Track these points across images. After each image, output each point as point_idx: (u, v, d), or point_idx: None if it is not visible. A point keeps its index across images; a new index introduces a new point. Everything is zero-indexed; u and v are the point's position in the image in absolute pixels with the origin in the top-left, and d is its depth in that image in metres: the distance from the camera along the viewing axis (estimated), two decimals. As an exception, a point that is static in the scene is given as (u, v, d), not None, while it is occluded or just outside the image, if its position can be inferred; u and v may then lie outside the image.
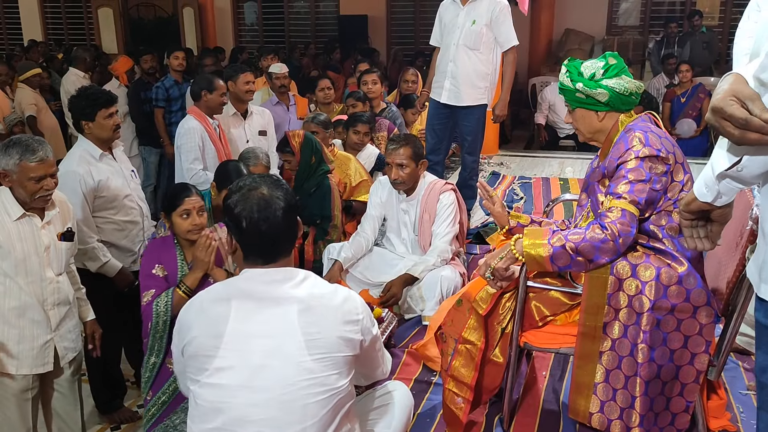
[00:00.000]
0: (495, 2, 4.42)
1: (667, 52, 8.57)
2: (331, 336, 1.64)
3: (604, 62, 2.19)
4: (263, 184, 1.70)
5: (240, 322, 1.63)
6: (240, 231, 1.68)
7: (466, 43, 4.43)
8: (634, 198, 2.04)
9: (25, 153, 2.42)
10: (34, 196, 2.46)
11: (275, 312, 1.64)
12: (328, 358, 1.63)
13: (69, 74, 6.37)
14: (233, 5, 12.84)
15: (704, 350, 2.04)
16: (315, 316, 1.64)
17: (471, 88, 4.49)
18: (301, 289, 1.67)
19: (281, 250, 1.69)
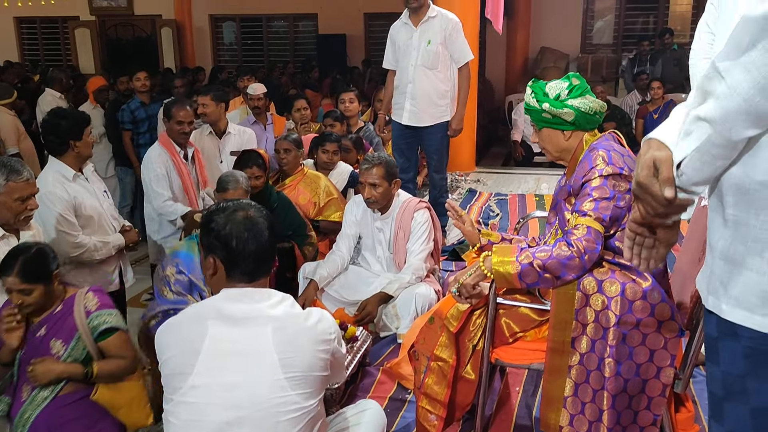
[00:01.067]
0: (446, 20, 4.48)
1: (639, 69, 8.74)
2: (305, 355, 1.68)
3: (568, 83, 2.24)
4: (246, 207, 1.79)
5: (215, 341, 1.66)
6: (228, 250, 1.73)
7: (423, 64, 4.49)
8: (599, 215, 2.09)
9: (11, 174, 2.48)
10: (20, 217, 2.52)
11: (251, 331, 1.67)
12: (302, 377, 1.66)
13: (45, 95, 6.36)
14: (211, 25, 12.90)
15: (669, 364, 2.08)
16: (290, 336, 1.68)
17: (432, 107, 4.55)
18: (277, 310, 1.72)
19: (265, 269, 1.76)
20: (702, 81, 1.17)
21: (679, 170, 1.20)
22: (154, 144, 4.05)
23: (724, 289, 1.25)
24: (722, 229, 1.24)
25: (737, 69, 1.09)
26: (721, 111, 1.12)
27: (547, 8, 10.71)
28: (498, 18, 6.33)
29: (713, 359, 1.32)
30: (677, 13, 10.78)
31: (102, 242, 3.09)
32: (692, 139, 1.17)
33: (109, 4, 12.89)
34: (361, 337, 3.05)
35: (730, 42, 1.12)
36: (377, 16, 11.56)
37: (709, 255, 1.31)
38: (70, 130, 3.04)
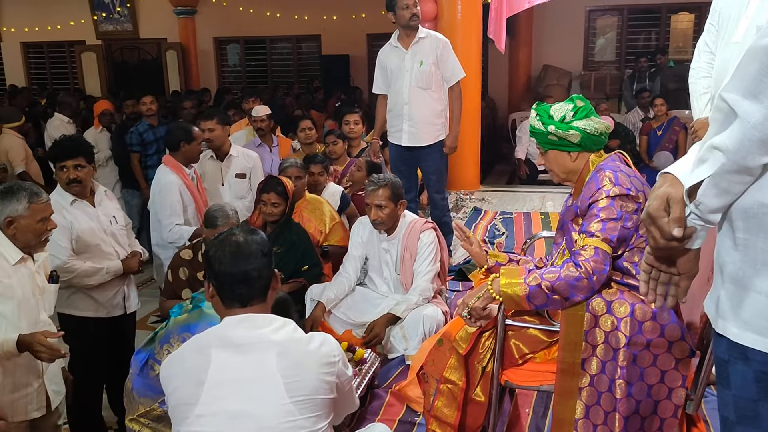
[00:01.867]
0: (436, 40, 4.55)
1: (639, 86, 8.78)
2: (310, 379, 1.68)
3: (572, 105, 2.26)
4: (239, 232, 1.80)
5: (220, 370, 1.67)
6: (215, 274, 1.76)
7: (418, 84, 4.53)
8: (607, 236, 2.09)
9: (32, 196, 2.52)
10: (41, 238, 2.55)
11: (254, 357, 1.68)
12: (308, 400, 1.66)
13: (54, 119, 6.41)
14: (216, 47, 13.03)
15: (681, 384, 2.07)
16: (294, 360, 1.68)
17: (429, 127, 4.59)
18: (280, 335, 1.72)
19: (254, 294, 1.75)
20: (713, 112, 1.20)
21: (697, 200, 1.21)
22: (163, 168, 4.00)
23: (733, 313, 1.25)
24: (732, 252, 1.25)
25: (747, 100, 1.12)
26: (734, 140, 1.14)
27: (549, 26, 10.78)
28: (501, 37, 6.38)
29: (724, 383, 1.31)
30: (678, 30, 10.84)
31: (94, 268, 3.07)
32: (707, 166, 1.19)
33: (114, 29, 13.04)
34: (370, 359, 3.05)
35: (737, 73, 1.14)
36: (380, 36, 11.60)
37: (718, 278, 1.31)
38: (50, 159, 3.10)
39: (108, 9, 12.87)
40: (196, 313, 2.61)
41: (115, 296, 3.25)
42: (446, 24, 6.48)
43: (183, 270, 3.28)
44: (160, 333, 2.65)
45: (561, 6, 8.76)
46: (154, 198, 3.99)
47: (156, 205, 3.97)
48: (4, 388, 2.45)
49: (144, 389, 2.60)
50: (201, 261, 3.16)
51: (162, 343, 2.60)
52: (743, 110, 1.12)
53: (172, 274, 3.34)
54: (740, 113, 1.12)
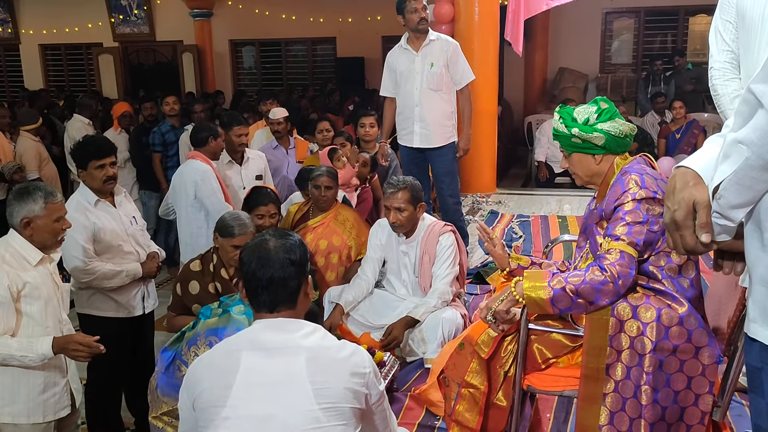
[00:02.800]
0: (447, 43, 4.55)
1: (655, 90, 8.70)
2: (339, 386, 1.66)
3: (596, 107, 2.23)
4: (273, 237, 1.81)
5: (249, 373, 1.66)
6: (243, 277, 1.78)
7: (429, 86, 4.53)
8: (633, 240, 2.06)
9: (48, 196, 2.52)
10: (57, 237, 2.56)
11: (283, 361, 1.68)
12: (336, 408, 1.65)
13: (74, 121, 6.46)
14: (231, 49, 13.08)
15: (708, 391, 2.03)
16: (323, 366, 1.67)
17: (440, 128, 4.59)
18: (310, 340, 1.72)
19: (279, 300, 1.75)
20: (739, 105, 1.17)
21: (717, 193, 1.18)
22: (193, 161, 4.09)
23: (766, 316, 1.22)
24: (761, 254, 1.22)
25: None
26: (759, 133, 1.11)
27: (565, 29, 10.72)
28: (518, 40, 6.36)
29: (758, 391, 1.28)
30: (696, 32, 10.73)
31: (114, 271, 3.08)
32: (730, 162, 1.16)
33: (131, 31, 13.13)
34: (389, 363, 3.03)
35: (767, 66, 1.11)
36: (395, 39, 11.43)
37: (749, 281, 1.29)
38: (77, 159, 3.10)
39: (125, 11, 12.97)
40: (225, 318, 2.59)
41: (135, 296, 3.27)
42: (463, 26, 6.47)
43: (193, 284, 3.16)
44: (188, 334, 2.64)
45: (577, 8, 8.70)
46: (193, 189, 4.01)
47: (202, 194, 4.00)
48: (35, 388, 2.48)
49: (168, 388, 2.60)
50: (212, 271, 3.11)
51: (189, 345, 2.60)
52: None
53: (181, 288, 3.20)
54: (766, 104, 1.09)
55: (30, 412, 2.46)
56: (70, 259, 2.99)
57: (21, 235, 2.49)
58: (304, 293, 1.80)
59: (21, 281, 2.41)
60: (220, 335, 2.50)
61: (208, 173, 4.03)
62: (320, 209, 3.99)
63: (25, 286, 2.42)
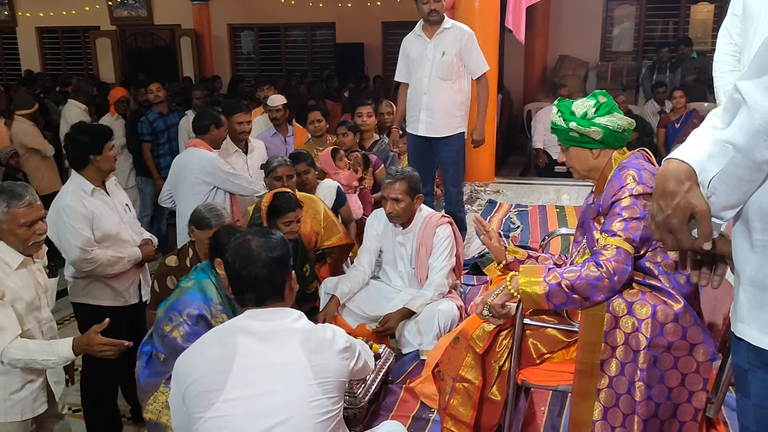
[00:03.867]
0: (461, 32, 4.48)
1: (658, 78, 8.65)
2: (332, 362, 1.79)
3: (594, 101, 2.21)
4: (255, 236, 1.88)
5: (246, 356, 1.73)
6: (228, 276, 1.87)
7: (438, 75, 4.48)
8: (629, 236, 2.05)
9: (12, 200, 2.36)
10: (28, 243, 2.42)
11: (279, 344, 1.77)
12: (330, 382, 1.77)
13: (70, 105, 6.41)
14: (230, 34, 13.00)
15: (702, 388, 2.03)
16: (316, 346, 1.78)
17: (448, 118, 4.53)
18: (299, 324, 1.83)
19: (265, 296, 1.83)
20: (726, 102, 1.16)
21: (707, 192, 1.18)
22: (194, 148, 4.08)
23: (754, 316, 1.22)
24: (750, 254, 1.22)
25: (759, 90, 1.08)
26: (743, 132, 1.10)
27: (565, 16, 10.65)
28: (520, 27, 6.32)
29: (744, 392, 1.28)
30: (698, 20, 10.66)
31: (116, 257, 3.08)
32: (716, 161, 1.15)
33: (129, 14, 13.04)
34: (384, 355, 3.03)
35: (753, 63, 1.11)
36: (395, 24, 11.57)
37: (736, 281, 1.28)
38: (90, 144, 3.05)
39: (123, -6, 12.88)
40: (177, 292, 2.67)
41: (132, 284, 3.27)
42: (464, 13, 6.41)
43: (171, 278, 3.10)
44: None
45: (579, -5, 8.67)
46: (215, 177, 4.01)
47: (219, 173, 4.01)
48: (12, 386, 2.42)
49: (151, 378, 2.65)
50: (188, 266, 3.04)
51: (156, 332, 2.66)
52: (753, 100, 1.08)
53: (159, 284, 3.12)
54: (750, 103, 1.09)
55: (7, 411, 2.41)
56: (71, 250, 2.96)
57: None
58: (289, 287, 1.89)
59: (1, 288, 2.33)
60: (177, 308, 2.58)
61: (216, 160, 4.02)
62: None
63: (4, 294, 2.32)
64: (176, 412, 1.81)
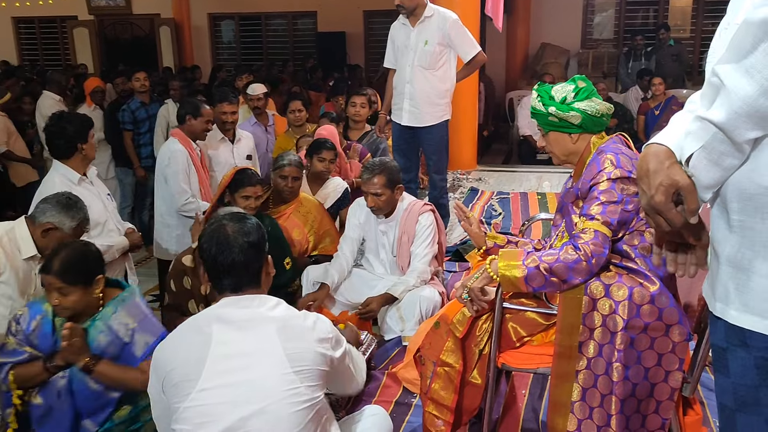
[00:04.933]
0: (444, 19, 4.42)
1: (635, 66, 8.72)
2: (309, 350, 1.76)
3: (573, 86, 2.23)
4: (230, 221, 1.85)
5: (221, 345, 1.71)
6: (204, 263, 1.83)
7: (421, 64, 4.45)
8: (607, 219, 2.07)
9: (84, 221, 2.61)
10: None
11: (255, 331, 1.74)
12: (308, 370, 1.74)
13: (44, 98, 6.31)
14: (210, 23, 12.87)
15: (678, 368, 2.06)
16: (293, 334, 1.76)
17: (431, 107, 4.52)
18: (276, 311, 1.80)
19: (242, 283, 1.81)
20: (705, 87, 1.18)
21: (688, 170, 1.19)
22: (171, 139, 4.02)
23: (732, 295, 1.24)
24: (728, 234, 1.23)
25: (738, 72, 1.10)
26: (723, 113, 1.12)
27: (547, 4, 10.67)
28: (498, 15, 6.30)
29: (722, 371, 1.30)
30: (677, 7, 10.74)
31: (105, 246, 3.07)
32: (696, 137, 1.17)
33: (107, 4, 12.86)
34: (366, 341, 3.05)
35: (732, 46, 1.13)
36: (376, 13, 11.53)
37: (714, 261, 1.30)
38: (77, 133, 3.05)
39: (100, -17, 12.69)
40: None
41: (119, 273, 3.25)
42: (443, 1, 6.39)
43: (186, 279, 3.07)
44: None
45: (560, -17, 8.68)
46: (163, 168, 3.94)
47: (166, 174, 3.91)
48: None
49: None
50: None
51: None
52: (733, 84, 1.10)
53: (175, 284, 3.09)
54: (729, 86, 1.10)
55: None
56: None
57: (29, 229, 2.50)
58: (266, 273, 1.88)
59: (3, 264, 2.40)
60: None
61: (176, 155, 3.89)
62: (282, 200, 3.83)
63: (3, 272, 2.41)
64: (156, 402, 1.80)
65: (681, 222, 1.23)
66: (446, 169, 4.85)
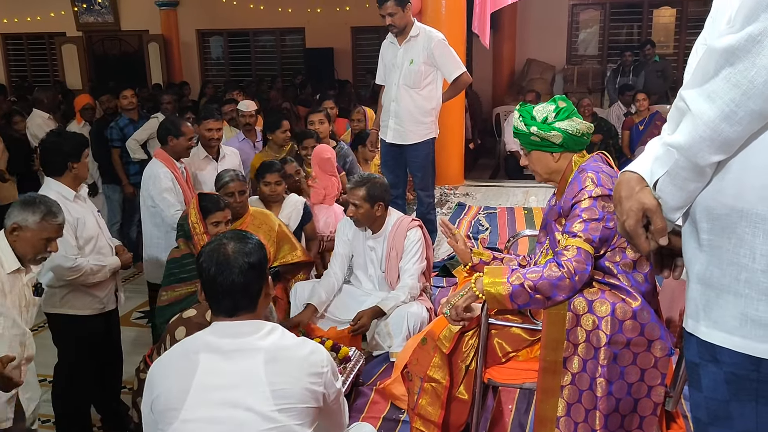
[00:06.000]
0: (429, 39, 4.46)
1: (623, 81, 8.82)
2: (297, 387, 1.68)
3: (554, 106, 2.28)
4: (231, 241, 1.78)
5: (206, 375, 1.67)
6: (202, 283, 1.77)
7: (406, 83, 4.50)
8: (589, 236, 2.11)
9: (48, 214, 2.52)
10: (37, 256, 2.53)
11: (241, 363, 1.68)
12: (293, 408, 1.66)
13: (33, 116, 6.30)
14: (199, 39, 12.92)
15: (660, 383, 2.10)
16: (281, 367, 1.68)
17: (416, 125, 4.56)
18: (267, 341, 1.72)
19: (240, 306, 1.74)
20: (671, 111, 1.23)
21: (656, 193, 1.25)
22: (154, 161, 4.00)
23: (702, 312, 1.28)
24: (698, 252, 1.28)
25: (701, 98, 1.15)
26: (687, 138, 1.17)
27: (532, 20, 10.79)
28: (485, 33, 6.39)
29: (696, 385, 1.34)
30: (660, 24, 10.91)
31: (98, 265, 3.07)
32: (662, 163, 1.22)
33: (95, 20, 12.87)
34: (354, 357, 3.06)
35: (697, 72, 1.18)
36: (364, 29, 11.62)
37: (687, 280, 1.34)
38: (71, 151, 3.06)
39: (89, 0, 12.70)
40: None
41: (110, 290, 3.26)
42: (430, 19, 6.47)
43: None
44: None
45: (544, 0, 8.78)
46: (148, 188, 3.92)
47: (153, 193, 3.88)
48: None
49: None
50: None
51: None
52: (696, 108, 1.15)
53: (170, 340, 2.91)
54: (693, 111, 1.16)
55: None
56: (55, 257, 2.95)
57: (6, 239, 2.48)
58: (265, 294, 1.81)
59: None
60: None
61: (159, 174, 3.87)
62: (234, 216, 3.67)
63: None
64: (146, 421, 1.77)
65: (648, 248, 1.28)
66: (433, 185, 4.89)
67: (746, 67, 1.11)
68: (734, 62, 1.11)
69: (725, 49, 1.12)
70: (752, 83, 1.11)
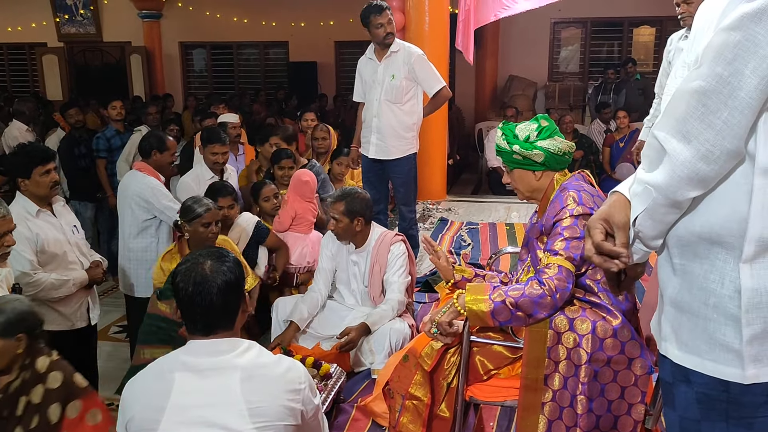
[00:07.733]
0: (409, 54, 4.50)
1: (603, 99, 8.93)
2: (274, 405, 1.66)
3: (537, 125, 2.30)
4: (208, 259, 1.73)
5: (181, 395, 1.65)
6: (178, 302, 1.74)
7: (387, 98, 4.52)
8: (570, 254, 2.13)
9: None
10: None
11: (217, 382, 1.66)
12: (271, 426, 1.65)
13: (11, 128, 6.22)
14: (182, 52, 12.89)
15: (640, 400, 2.11)
16: (258, 385, 1.66)
17: (398, 141, 4.58)
18: (244, 359, 1.70)
19: (217, 325, 1.72)
20: (645, 148, 1.26)
21: (636, 229, 1.28)
22: (136, 172, 3.89)
23: (674, 335, 1.32)
24: (672, 277, 1.32)
25: (676, 138, 1.18)
26: (665, 177, 1.21)
27: (515, 38, 10.92)
28: (469, 49, 6.45)
29: (670, 404, 1.37)
30: (640, 42, 11.10)
31: (61, 280, 3.02)
32: (641, 200, 1.26)
33: (77, 31, 12.79)
34: (335, 374, 3.04)
35: (668, 112, 1.21)
36: (348, 44, 11.67)
37: (661, 301, 1.37)
38: (18, 167, 3.00)
39: (71, 11, 12.62)
40: None
41: (80, 307, 3.21)
42: (414, 35, 6.53)
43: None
44: None
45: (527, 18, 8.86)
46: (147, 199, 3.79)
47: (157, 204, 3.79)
48: None
49: None
50: None
51: None
52: (672, 148, 1.19)
53: None
54: (669, 151, 1.19)
55: None
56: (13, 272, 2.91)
57: None
58: (242, 311, 1.79)
59: None
60: None
61: (158, 187, 3.82)
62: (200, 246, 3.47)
63: None
64: None
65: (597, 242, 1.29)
66: (414, 201, 4.91)
67: (718, 107, 1.13)
68: (706, 102, 1.14)
69: (696, 90, 1.15)
70: (726, 123, 1.14)
